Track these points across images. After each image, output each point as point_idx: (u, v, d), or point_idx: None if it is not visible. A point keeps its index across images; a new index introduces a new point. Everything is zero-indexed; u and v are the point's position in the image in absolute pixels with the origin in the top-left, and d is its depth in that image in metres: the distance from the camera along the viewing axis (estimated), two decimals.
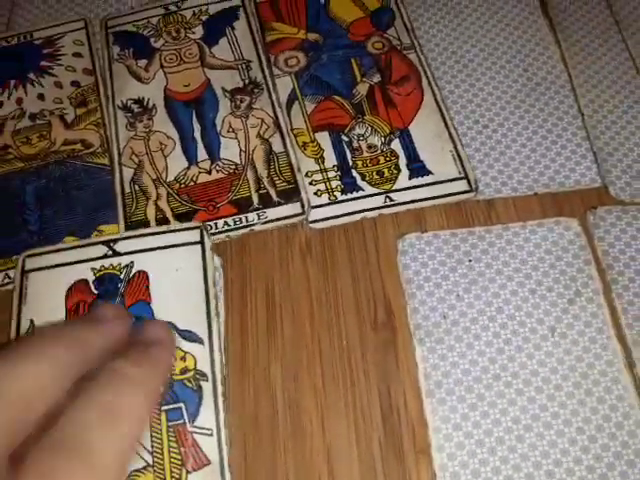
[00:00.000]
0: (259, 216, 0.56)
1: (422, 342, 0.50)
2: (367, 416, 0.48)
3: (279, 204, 0.56)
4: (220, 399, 0.48)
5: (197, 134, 0.61)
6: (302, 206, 0.56)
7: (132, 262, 0.53)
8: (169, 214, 0.57)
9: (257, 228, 0.55)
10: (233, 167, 0.59)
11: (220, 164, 0.59)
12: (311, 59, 0.65)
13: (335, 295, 0.53)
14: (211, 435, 0.47)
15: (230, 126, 0.61)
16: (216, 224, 0.56)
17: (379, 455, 0.47)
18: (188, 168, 0.59)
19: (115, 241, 0.54)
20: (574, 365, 0.49)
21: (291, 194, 0.57)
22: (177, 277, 0.52)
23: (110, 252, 0.54)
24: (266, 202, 0.56)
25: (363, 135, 0.60)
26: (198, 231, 0.54)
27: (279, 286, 0.54)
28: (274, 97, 0.62)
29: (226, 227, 0.55)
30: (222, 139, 0.60)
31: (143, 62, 0.66)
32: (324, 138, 0.60)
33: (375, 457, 0.47)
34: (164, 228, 0.55)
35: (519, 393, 0.48)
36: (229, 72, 0.64)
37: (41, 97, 0.64)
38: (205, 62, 0.65)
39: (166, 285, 0.52)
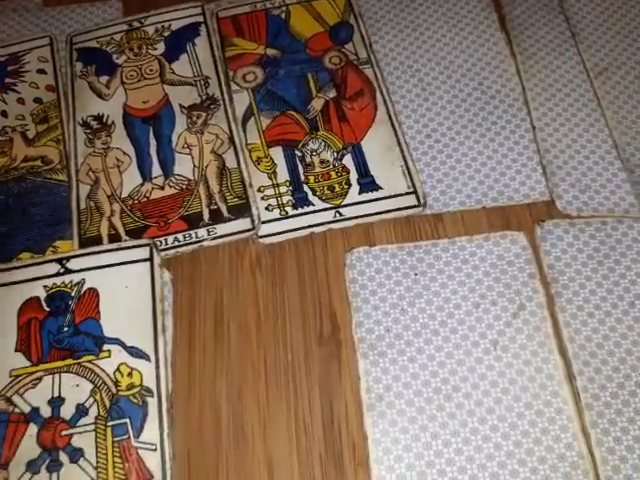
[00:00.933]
0: (209, 232, 0.57)
1: (365, 355, 0.51)
2: (309, 429, 0.49)
3: (229, 220, 0.57)
4: (165, 415, 0.49)
5: (152, 150, 0.62)
6: (252, 222, 0.57)
7: (83, 279, 0.54)
8: (121, 230, 0.58)
9: (206, 244, 0.56)
10: (186, 183, 0.60)
11: (173, 180, 0.60)
12: (269, 74, 0.66)
13: (282, 308, 0.54)
14: (155, 450, 0.48)
15: (185, 142, 0.62)
16: (166, 240, 0.57)
17: (319, 468, 0.48)
18: (142, 184, 0.60)
19: (68, 259, 0.55)
20: (515, 378, 0.50)
21: (242, 209, 0.58)
22: (126, 294, 0.53)
23: (62, 269, 0.55)
24: (216, 218, 0.57)
25: (316, 150, 0.60)
26: (148, 248, 0.55)
27: (228, 300, 0.54)
28: (230, 113, 0.63)
29: (176, 242, 0.56)
30: (176, 155, 0.61)
31: (105, 78, 0.67)
32: (278, 153, 0.61)
33: (315, 469, 0.48)
34: (115, 246, 0.56)
35: (459, 406, 0.49)
36: (187, 88, 0.65)
37: (4, 114, 0.65)
38: (164, 78, 0.66)
39: (115, 302, 0.53)
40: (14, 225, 0.59)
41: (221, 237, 0.57)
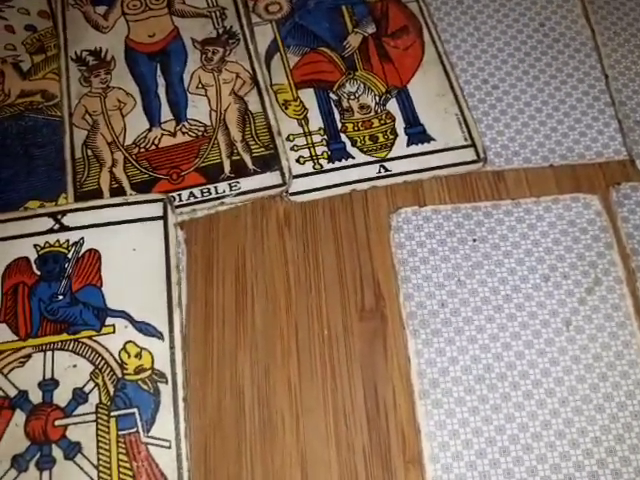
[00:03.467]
0: (231, 187, 0.48)
1: (416, 333, 0.43)
2: (350, 418, 0.42)
3: (255, 173, 0.49)
4: (181, 404, 0.41)
5: (161, 91, 0.53)
6: (282, 175, 0.48)
7: (82, 239, 0.46)
8: (125, 183, 0.49)
9: (228, 201, 0.48)
10: (202, 129, 0.51)
11: (187, 125, 0.51)
12: (295, 5, 0.56)
13: (316, 275, 0.46)
14: (169, 447, 0.40)
15: (200, 81, 0.53)
16: (180, 195, 0.48)
17: (362, 464, 0.40)
18: (150, 130, 0.51)
19: (63, 213, 0.47)
20: (591, 365, 0.42)
21: (269, 161, 0.49)
22: (134, 258, 0.45)
23: (57, 226, 0.46)
24: (240, 170, 0.49)
25: (354, 93, 0.52)
26: (161, 204, 0.46)
27: (251, 264, 0.46)
28: (252, 49, 0.54)
29: (192, 199, 0.48)
30: (190, 96, 0.52)
31: (102, 8, 0.57)
32: (309, 96, 0.52)
33: (358, 466, 0.40)
34: (121, 200, 0.47)
35: (527, 396, 0.42)
36: (201, 20, 0.56)
37: None
38: (174, 9, 0.57)
39: (121, 267, 0.45)
40: (16, 169, 0.50)
41: (246, 193, 0.48)
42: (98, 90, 0.53)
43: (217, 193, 0.48)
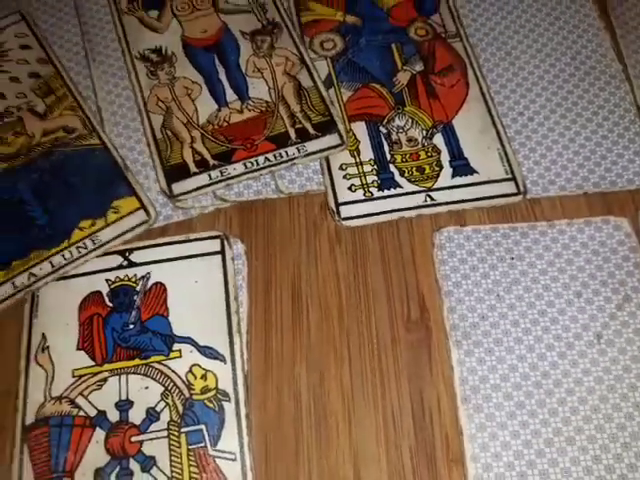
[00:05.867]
0: (299, 150, 0.54)
1: (459, 344, 0.47)
2: (398, 421, 0.46)
3: (316, 137, 0.55)
4: (244, 421, 0.45)
5: (222, 76, 0.59)
6: (340, 137, 0.55)
7: (149, 273, 0.50)
8: (207, 155, 0.55)
9: (298, 161, 0.54)
10: (264, 105, 0.57)
11: (251, 103, 0.57)
12: (349, 43, 0.61)
13: (365, 288, 0.50)
14: (234, 460, 0.44)
15: (255, 66, 0.59)
16: (257, 161, 0.54)
17: (409, 463, 0.44)
18: (219, 109, 0.58)
19: (131, 251, 0.52)
20: (621, 375, 0.46)
21: (328, 126, 0.55)
22: (196, 289, 0.49)
23: (125, 262, 0.51)
24: (304, 136, 0.55)
25: (403, 127, 0.56)
26: (218, 240, 0.51)
27: (306, 278, 0.51)
28: (295, 35, 0.61)
29: (267, 163, 0.54)
30: (248, 79, 0.59)
31: (154, 13, 0.63)
32: (360, 129, 0.56)
33: (405, 464, 0.44)
34: (183, 237, 0.52)
35: (561, 403, 0.45)
36: (244, 16, 0.63)
37: (2, 96, 0.60)
38: (219, 8, 0.63)
39: (185, 298, 0.49)
40: (60, 199, 0.54)
41: (312, 154, 0.54)
42: (165, 81, 0.60)
43: (288, 156, 0.54)
